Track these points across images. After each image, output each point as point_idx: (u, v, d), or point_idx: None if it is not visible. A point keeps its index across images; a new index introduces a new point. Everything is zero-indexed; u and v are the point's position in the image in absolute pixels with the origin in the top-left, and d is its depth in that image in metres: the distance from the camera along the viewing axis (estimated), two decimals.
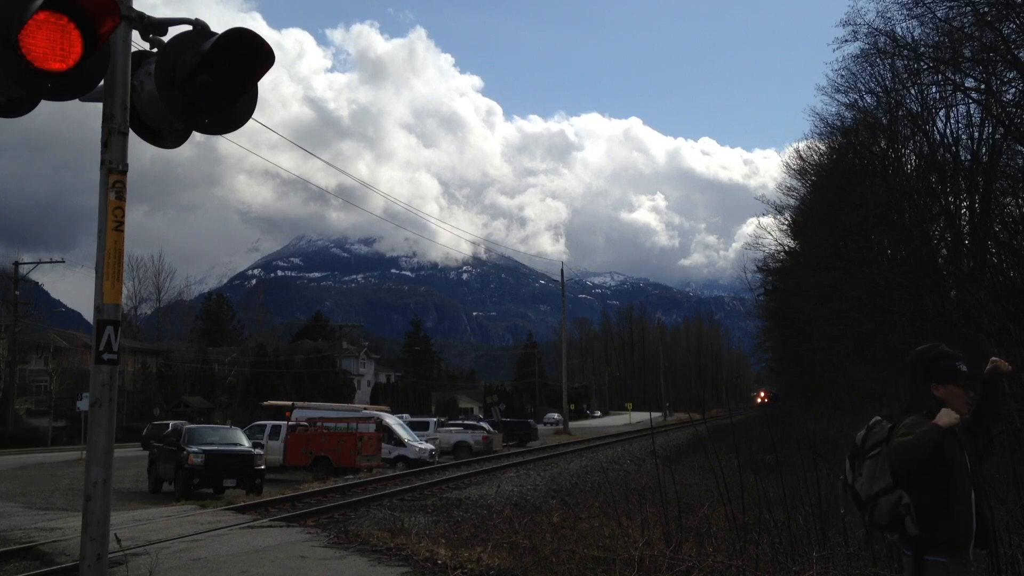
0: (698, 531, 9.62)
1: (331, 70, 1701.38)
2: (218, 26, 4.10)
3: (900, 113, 26.74)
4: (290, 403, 32.23)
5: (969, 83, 22.23)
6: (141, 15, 4.04)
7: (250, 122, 4.35)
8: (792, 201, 44.15)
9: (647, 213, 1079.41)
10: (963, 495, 4.01)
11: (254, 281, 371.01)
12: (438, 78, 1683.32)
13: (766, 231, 49.33)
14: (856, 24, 24.20)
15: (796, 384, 52.24)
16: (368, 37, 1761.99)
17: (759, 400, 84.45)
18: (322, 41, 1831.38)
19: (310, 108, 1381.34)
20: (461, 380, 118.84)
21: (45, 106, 4.10)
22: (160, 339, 77.52)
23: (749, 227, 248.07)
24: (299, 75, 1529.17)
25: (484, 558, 9.35)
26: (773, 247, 47.96)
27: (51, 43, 3.52)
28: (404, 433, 30.19)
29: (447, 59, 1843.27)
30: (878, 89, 28.19)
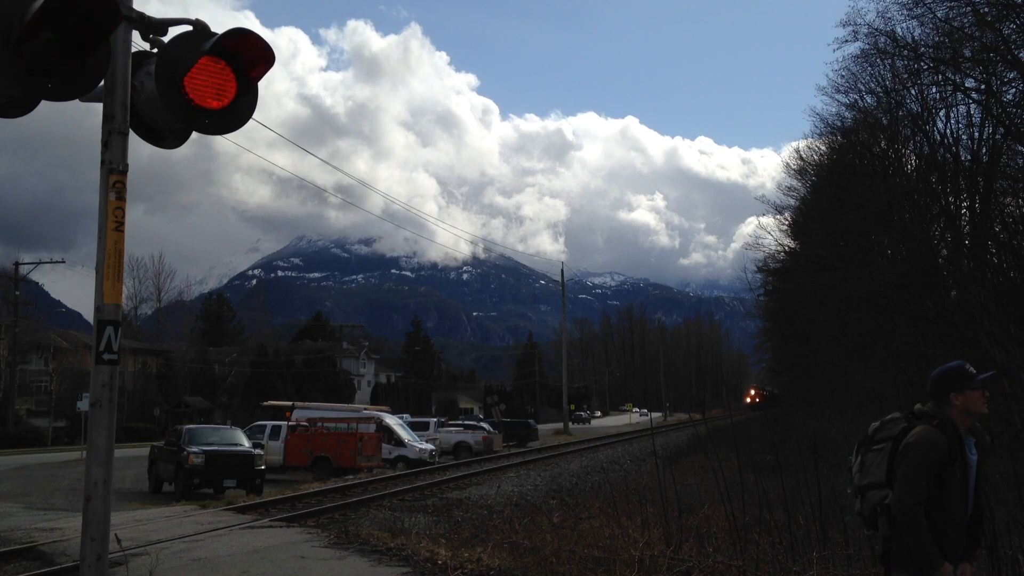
0: (698, 531, 9.61)
1: (326, 68, 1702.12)
2: (212, 25, 4.10)
3: (900, 113, 26.70)
4: (290, 403, 32.25)
5: (969, 83, 22.19)
6: (141, 15, 4.04)
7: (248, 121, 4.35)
8: (792, 201, 44.02)
9: (646, 213, 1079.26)
10: (955, 517, 3.96)
11: (254, 281, 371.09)
12: (433, 76, 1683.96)
13: (766, 231, 49.35)
14: (856, 24, 24.15)
15: (796, 384, 52.27)
16: (363, 34, 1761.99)
17: (749, 400, 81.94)
18: (316, 40, 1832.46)
19: (306, 106, 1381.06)
20: (461, 380, 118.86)
21: (41, 104, 4.10)
22: (160, 339, 77.55)
23: (749, 227, 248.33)
24: (295, 74, 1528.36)
25: (484, 558, 9.35)
26: (773, 247, 47.85)
27: None
28: (404, 433, 30.18)
29: (442, 57, 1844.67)
30: (878, 89, 28.15)
